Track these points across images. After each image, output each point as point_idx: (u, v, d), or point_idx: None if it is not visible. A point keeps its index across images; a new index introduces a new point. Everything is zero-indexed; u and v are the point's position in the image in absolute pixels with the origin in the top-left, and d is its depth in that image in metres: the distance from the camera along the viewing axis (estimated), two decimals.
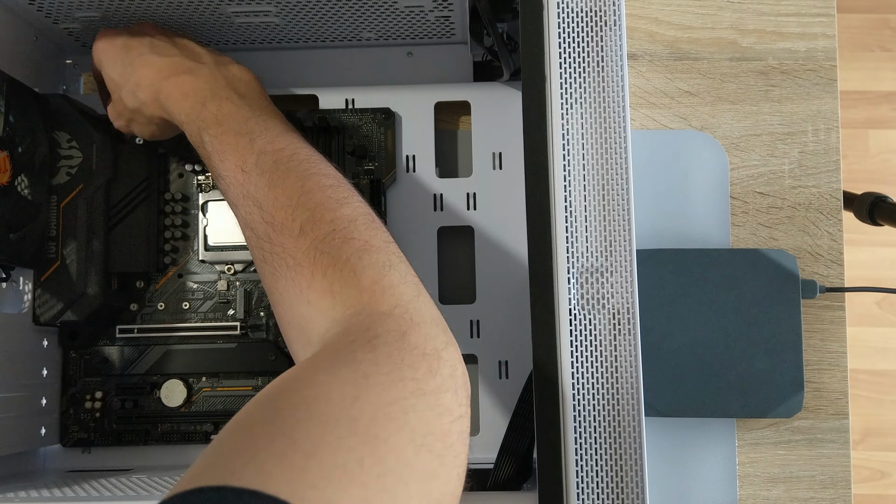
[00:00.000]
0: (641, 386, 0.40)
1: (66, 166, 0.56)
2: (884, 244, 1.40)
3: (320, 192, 0.41)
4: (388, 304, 0.36)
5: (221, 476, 0.26)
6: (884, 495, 1.38)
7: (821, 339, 0.63)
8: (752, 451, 0.62)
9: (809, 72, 0.65)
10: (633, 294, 0.40)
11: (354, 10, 0.55)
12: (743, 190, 0.64)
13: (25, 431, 0.54)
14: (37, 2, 0.53)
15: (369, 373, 0.32)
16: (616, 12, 0.41)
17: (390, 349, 0.34)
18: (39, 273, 0.55)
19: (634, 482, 0.39)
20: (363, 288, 0.37)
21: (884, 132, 1.45)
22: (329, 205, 0.41)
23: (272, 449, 0.27)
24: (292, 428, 0.29)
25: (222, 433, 0.30)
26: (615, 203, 0.41)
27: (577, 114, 0.41)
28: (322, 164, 0.44)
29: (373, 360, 0.33)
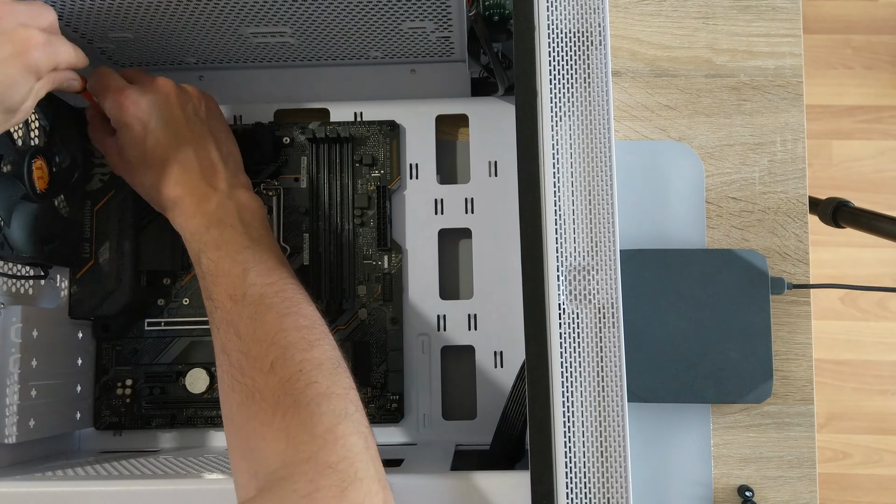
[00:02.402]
0: (624, 374, 0.40)
1: (100, 174, 0.56)
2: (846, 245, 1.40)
3: (295, 331, 0.41)
4: (336, 455, 0.36)
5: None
6: (846, 474, 1.38)
7: (788, 332, 0.63)
8: (726, 434, 0.62)
9: (778, 87, 0.65)
10: (616, 290, 0.40)
11: (363, 31, 0.55)
12: (717, 195, 0.64)
13: (63, 416, 0.54)
14: (73, 23, 0.53)
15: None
16: (601, 33, 0.41)
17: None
18: (75, 271, 0.55)
19: (618, 462, 0.39)
20: (316, 435, 0.37)
21: (846, 143, 1.45)
22: (301, 345, 0.40)
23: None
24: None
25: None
26: (600, 207, 0.41)
27: (565, 126, 0.41)
28: (303, 304, 0.44)
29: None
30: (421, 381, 0.58)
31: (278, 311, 0.42)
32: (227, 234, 0.46)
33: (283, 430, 0.37)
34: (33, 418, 0.50)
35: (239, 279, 0.44)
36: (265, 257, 0.45)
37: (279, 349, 0.40)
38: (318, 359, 0.40)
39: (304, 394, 0.38)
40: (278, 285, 0.44)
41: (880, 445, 1.38)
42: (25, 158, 0.49)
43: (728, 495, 0.61)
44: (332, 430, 0.37)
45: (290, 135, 0.59)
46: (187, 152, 0.48)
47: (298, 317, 0.42)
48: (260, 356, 0.40)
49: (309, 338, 0.41)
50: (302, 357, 0.40)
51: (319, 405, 0.38)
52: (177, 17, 0.52)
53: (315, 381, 0.39)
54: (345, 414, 0.38)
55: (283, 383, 0.39)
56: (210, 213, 0.47)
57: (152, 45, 0.57)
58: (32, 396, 0.50)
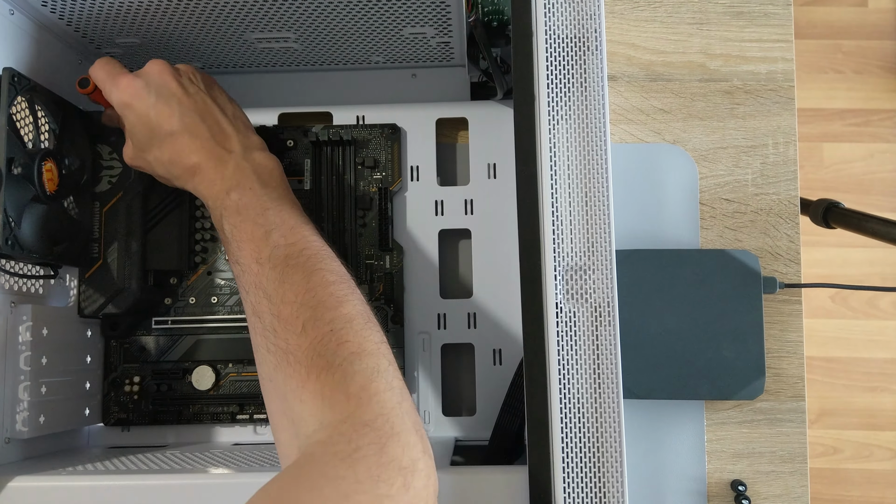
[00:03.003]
0: (620, 371, 0.40)
1: (108, 176, 0.56)
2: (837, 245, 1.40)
3: (323, 289, 0.41)
4: (372, 412, 0.36)
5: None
6: (836, 468, 1.38)
7: (780, 330, 0.63)
8: (719, 430, 0.62)
9: (770, 91, 0.65)
10: (612, 290, 0.40)
11: (365, 36, 0.55)
12: (711, 197, 0.64)
13: (72, 412, 0.54)
14: (81, 28, 0.53)
15: (349, 492, 0.32)
16: (597, 38, 0.41)
17: (369, 464, 0.34)
18: (84, 271, 0.55)
19: (614, 457, 0.39)
20: (351, 394, 0.36)
21: (836, 145, 1.45)
22: (330, 303, 0.40)
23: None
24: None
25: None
26: (596, 208, 0.41)
27: (562, 129, 0.41)
28: (328, 260, 0.43)
29: (353, 479, 0.33)
30: (422, 378, 0.58)
31: (305, 270, 0.41)
32: (247, 198, 0.45)
33: (318, 391, 0.37)
34: (43, 414, 0.50)
35: (263, 241, 0.43)
36: (286, 217, 0.45)
37: (309, 310, 0.40)
38: (348, 315, 0.40)
39: (336, 353, 0.38)
40: (302, 243, 0.43)
41: (870, 441, 1.38)
42: (36, 161, 0.49)
43: (721, 490, 0.61)
44: (366, 388, 0.37)
45: (293, 138, 0.59)
46: (194, 119, 0.47)
47: (325, 272, 0.42)
48: (291, 318, 0.40)
49: (337, 294, 0.41)
50: (332, 315, 0.40)
51: (352, 364, 0.38)
52: (182, 22, 0.52)
53: (346, 339, 0.39)
54: (377, 370, 0.38)
55: (316, 344, 0.38)
56: (228, 176, 0.46)
57: (159, 51, 0.57)
58: (42, 393, 0.50)
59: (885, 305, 1.41)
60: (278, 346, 0.40)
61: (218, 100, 0.50)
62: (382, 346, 0.40)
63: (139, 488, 0.43)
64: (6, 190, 0.46)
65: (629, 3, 0.66)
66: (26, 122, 0.49)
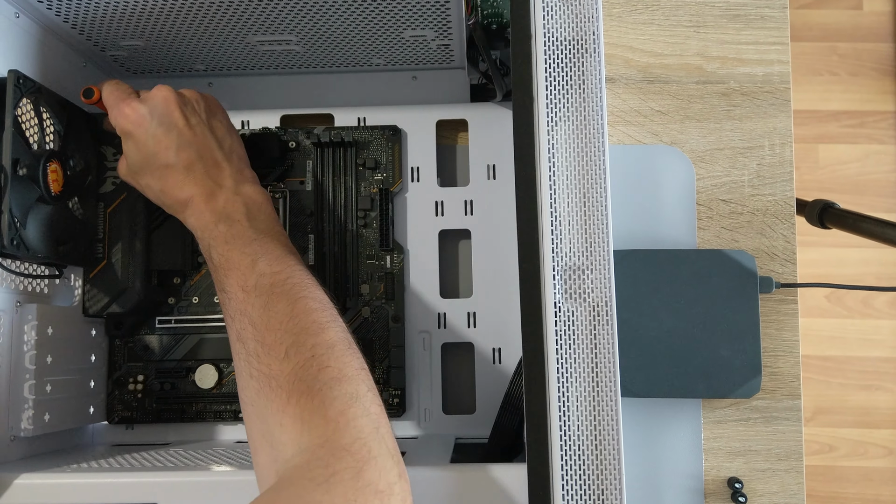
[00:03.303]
0: (618, 370, 0.40)
1: (112, 177, 0.56)
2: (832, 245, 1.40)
3: (306, 315, 0.41)
4: (349, 436, 0.36)
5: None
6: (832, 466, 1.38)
7: (776, 329, 0.63)
8: (716, 428, 0.62)
9: (766, 93, 0.65)
10: (610, 289, 0.40)
11: (365, 39, 0.56)
12: (708, 197, 0.64)
13: (77, 410, 0.54)
14: (86, 32, 0.53)
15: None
16: (595, 41, 0.41)
17: (345, 489, 0.34)
18: (88, 271, 0.55)
19: (612, 455, 0.39)
20: (329, 419, 0.37)
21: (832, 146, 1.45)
22: (312, 329, 0.41)
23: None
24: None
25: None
26: (594, 209, 0.41)
27: (561, 130, 0.41)
28: (312, 288, 0.44)
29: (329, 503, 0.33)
30: (422, 376, 0.58)
31: (289, 298, 0.42)
32: (236, 229, 0.46)
33: (297, 415, 0.37)
34: (48, 413, 0.50)
35: (249, 270, 0.44)
36: (273, 247, 0.45)
37: (292, 336, 0.40)
38: (329, 341, 0.40)
39: (316, 378, 0.38)
40: (287, 272, 0.44)
41: (865, 438, 1.38)
42: (41, 162, 0.49)
43: (718, 487, 0.61)
44: (345, 413, 0.37)
45: (295, 139, 0.59)
46: (190, 154, 0.48)
47: (308, 300, 0.42)
48: (275, 344, 0.40)
49: (320, 320, 0.41)
50: (314, 341, 0.40)
51: (332, 389, 0.38)
52: (186, 25, 0.52)
53: (327, 364, 0.39)
54: (356, 395, 0.38)
55: (297, 369, 0.39)
56: (218, 209, 0.47)
57: (162, 53, 0.57)
58: (47, 392, 0.50)
59: (879, 305, 1.41)
60: (261, 372, 0.40)
61: (217, 132, 0.50)
62: (362, 372, 0.40)
63: (143, 485, 0.43)
64: (11, 191, 0.46)
65: (627, 6, 0.66)
66: (31, 123, 0.49)
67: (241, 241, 0.45)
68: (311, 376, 0.38)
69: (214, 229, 0.46)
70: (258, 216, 0.48)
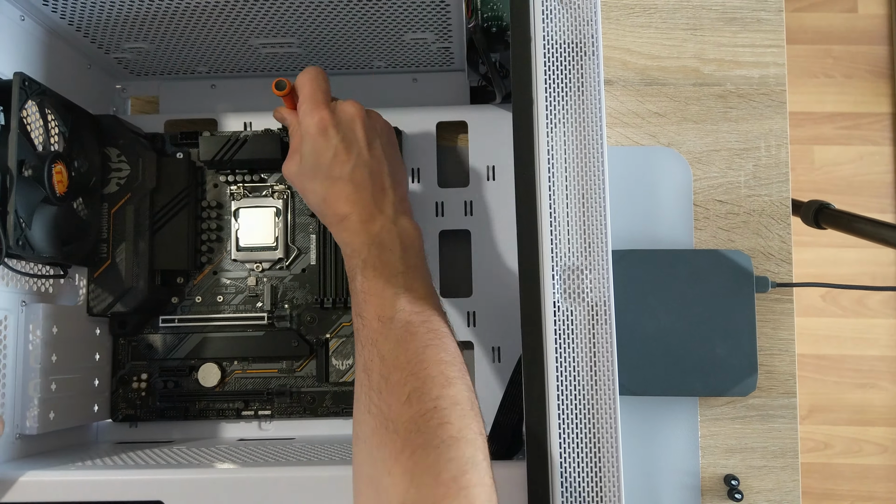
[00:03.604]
0: (616, 368, 0.40)
1: (116, 178, 0.56)
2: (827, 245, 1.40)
3: (435, 365, 0.40)
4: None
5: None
6: (827, 463, 1.38)
7: (772, 328, 0.63)
8: (713, 426, 0.62)
9: (762, 95, 0.65)
10: (608, 289, 0.40)
11: (367, 42, 0.56)
12: (704, 198, 0.64)
13: (81, 408, 0.54)
14: (90, 34, 0.53)
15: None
16: (594, 44, 0.41)
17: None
18: (93, 270, 0.55)
19: (610, 452, 0.39)
20: (440, 482, 0.35)
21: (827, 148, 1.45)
22: (439, 380, 0.39)
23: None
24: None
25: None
26: (593, 209, 0.41)
27: (560, 132, 0.41)
28: (446, 339, 0.42)
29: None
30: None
31: (422, 341, 0.41)
32: (386, 257, 0.45)
33: (409, 469, 0.36)
34: (53, 411, 0.50)
35: (390, 301, 0.43)
36: (417, 285, 0.44)
37: (418, 381, 0.39)
38: (454, 397, 0.39)
39: (435, 434, 0.37)
40: (425, 315, 0.43)
41: (859, 436, 1.38)
42: (46, 163, 0.49)
43: (714, 484, 0.61)
44: (458, 480, 0.35)
45: None
46: (363, 173, 0.47)
47: (440, 350, 0.41)
48: (399, 384, 0.39)
49: (448, 374, 0.40)
50: (439, 393, 0.39)
51: (448, 449, 0.36)
52: (189, 28, 0.52)
53: (448, 420, 0.37)
54: (473, 462, 0.36)
55: (417, 418, 0.37)
56: (374, 233, 0.46)
57: (166, 56, 0.57)
58: (52, 390, 0.50)
59: (874, 304, 1.41)
60: (380, 410, 0.39)
61: (391, 159, 0.50)
62: (480, 438, 0.38)
63: (147, 483, 0.43)
64: (17, 191, 0.46)
65: (625, 10, 0.66)
66: (37, 125, 0.49)
67: (388, 270, 0.44)
68: (430, 429, 0.37)
69: (366, 252, 0.45)
70: (410, 249, 0.46)
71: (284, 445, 0.54)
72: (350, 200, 0.47)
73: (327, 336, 0.58)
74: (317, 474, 0.44)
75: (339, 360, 0.57)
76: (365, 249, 0.46)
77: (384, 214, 0.47)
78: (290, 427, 0.59)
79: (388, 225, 0.47)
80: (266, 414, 0.58)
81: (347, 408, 0.57)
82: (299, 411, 0.58)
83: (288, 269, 0.59)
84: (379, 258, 0.45)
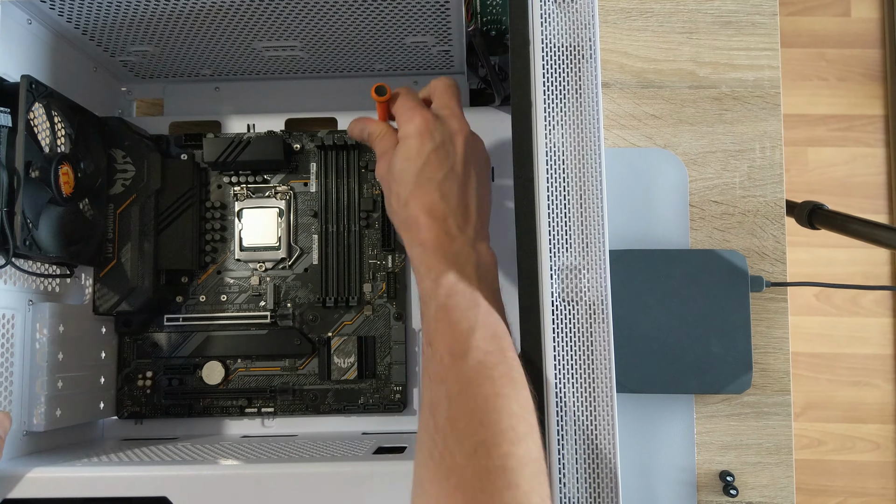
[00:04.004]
0: (613, 366, 0.40)
1: (122, 179, 0.56)
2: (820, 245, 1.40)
3: (507, 417, 0.37)
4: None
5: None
6: (821, 460, 1.38)
7: (767, 327, 0.63)
8: (708, 423, 0.62)
9: (757, 98, 0.65)
10: (606, 288, 0.40)
11: (368, 45, 0.56)
12: (700, 199, 0.64)
13: (87, 405, 0.55)
14: (96, 37, 0.53)
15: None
16: (591, 47, 0.41)
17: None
18: (99, 270, 0.55)
19: (607, 448, 0.39)
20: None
21: (820, 149, 1.45)
22: (509, 436, 0.36)
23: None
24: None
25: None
26: (591, 210, 0.41)
27: (558, 134, 0.41)
28: (520, 387, 0.39)
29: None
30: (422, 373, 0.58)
31: (494, 388, 0.38)
32: (462, 285, 0.42)
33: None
34: (60, 408, 0.50)
35: (463, 337, 0.40)
36: (493, 321, 0.41)
37: (487, 433, 0.36)
38: (524, 457, 0.36)
39: (502, 497, 0.34)
40: (499, 356, 0.39)
41: (852, 433, 1.38)
42: (52, 164, 0.49)
43: (710, 480, 0.61)
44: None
45: (300, 142, 0.59)
46: (451, 187, 0.45)
47: (512, 401, 0.38)
48: (466, 433, 0.36)
49: (518, 428, 0.37)
50: (508, 450, 0.36)
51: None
52: (194, 31, 0.52)
53: (516, 483, 0.35)
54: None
55: (483, 476, 0.35)
56: (451, 254, 0.43)
57: (171, 59, 0.57)
58: (59, 387, 0.50)
59: (867, 303, 1.42)
60: (443, 458, 0.36)
61: (481, 182, 0.47)
62: (547, 502, 0.36)
63: (153, 479, 0.43)
64: (24, 192, 0.46)
65: (622, 14, 0.67)
66: (43, 127, 0.49)
67: (465, 300, 0.41)
68: (497, 491, 0.34)
69: (442, 276, 0.42)
70: (486, 277, 0.44)
71: (287, 442, 0.54)
72: (432, 212, 0.44)
73: (329, 334, 0.58)
74: (319, 470, 0.44)
75: (341, 359, 0.57)
76: (442, 271, 0.42)
77: (465, 235, 0.44)
78: (293, 424, 0.59)
79: (466, 248, 0.44)
80: (269, 411, 0.58)
81: (349, 405, 0.57)
82: (302, 409, 0.58)
83: (290, 268, 0.59)
84: (456, 284, 0.42)
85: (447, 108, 0.47)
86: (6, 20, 0.47)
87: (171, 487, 0.43)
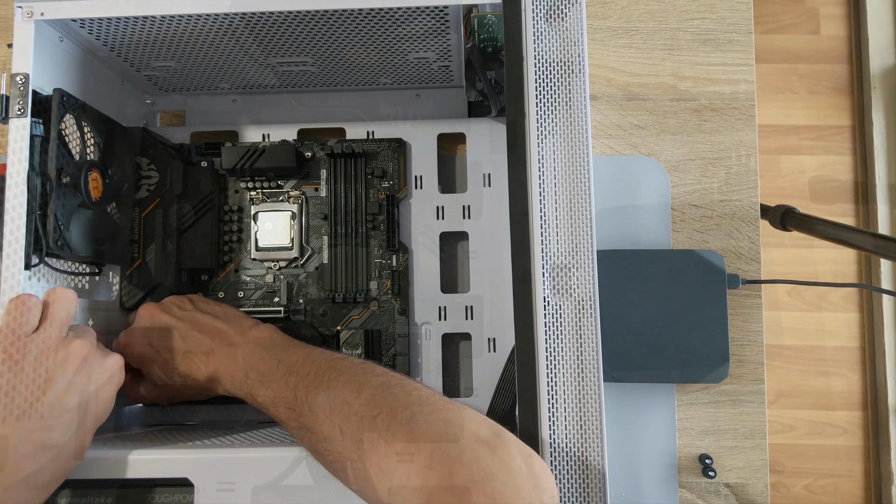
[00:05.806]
0: (600, 357, 0.40)
1: (147, 184, 0.56)
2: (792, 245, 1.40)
3: (342, 387, 0.40)
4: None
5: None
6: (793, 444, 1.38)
7: (742, 321, 0.63)
8: (688, 410, 0.62)
9: (734, 109, 0.65)
10: (594, 285, 0.40)
11: (375, 61, 0.56)
12: (681, 203, 0.64)
13: None
14: (123, 54, 0.53)
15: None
16: (581, 63, 0.41)
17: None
18: (125, 268, 0.55)
19: (595, 434, 0.39)
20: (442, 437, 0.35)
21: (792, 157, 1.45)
22: (349, 398, 0.39)
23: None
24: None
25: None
26: (580, 213, 0.41)
27: (549, 143, 0.41)
28: (336, 360, 0.43)
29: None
30: (424, 363, 0.59)
31: (325, 389, 0.41)
32: (262, 368, 0.46)
33: (391, 454, 0.35)
34: None
35: (286, 391, 0.43)
36: (294, 358, 0.45)
37: (338, 415, 0.39)
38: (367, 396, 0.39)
39: (393, 422, 0.37)
40: (312, 371, 0.43)
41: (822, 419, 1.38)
42: (82, 171, 0.49)
43: (690, 463, 0.61)
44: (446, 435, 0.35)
45: (311, 150, 0.59)
46: (193, 336, 0.49)
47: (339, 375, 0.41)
48: (332, 433, 0.39)
49: (352, 382, 0.40)
50: (357, 406, 0.39)
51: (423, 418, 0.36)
52: (213, 48, 0.52)
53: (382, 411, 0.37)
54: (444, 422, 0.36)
55: (357, 434, 0.37)
56: (241, 364, 0.47)
57: (192, 73, 0.57)
58: None
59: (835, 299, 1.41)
60: (333, 460, 0.39)
61: (206, 310, 0.51)
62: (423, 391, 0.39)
63: (176, 462, 0.43)
64: (56, 197, 0.46)
65: (609, 32, 0.67)
66: (74, 136, 0.49)
67: (271, 372, 0.45)
68: (381, 425, 0.37)
69: (246, 380, 0.46)
70: (272, 346, 0.48)
71: None
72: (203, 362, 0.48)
73: (338, 328, 0.58)
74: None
75: (349, 351, 0.57)
76: (243, 378, 0.46)
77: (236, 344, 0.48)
78: None
79: (245, 346, 0.48)
80: None
81: None
82: None
83: (302, 267, 0.59)
84: (259, 375, 0.45)
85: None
86: (40, 38, 0.47)
87: (193, 469, 0.43)
